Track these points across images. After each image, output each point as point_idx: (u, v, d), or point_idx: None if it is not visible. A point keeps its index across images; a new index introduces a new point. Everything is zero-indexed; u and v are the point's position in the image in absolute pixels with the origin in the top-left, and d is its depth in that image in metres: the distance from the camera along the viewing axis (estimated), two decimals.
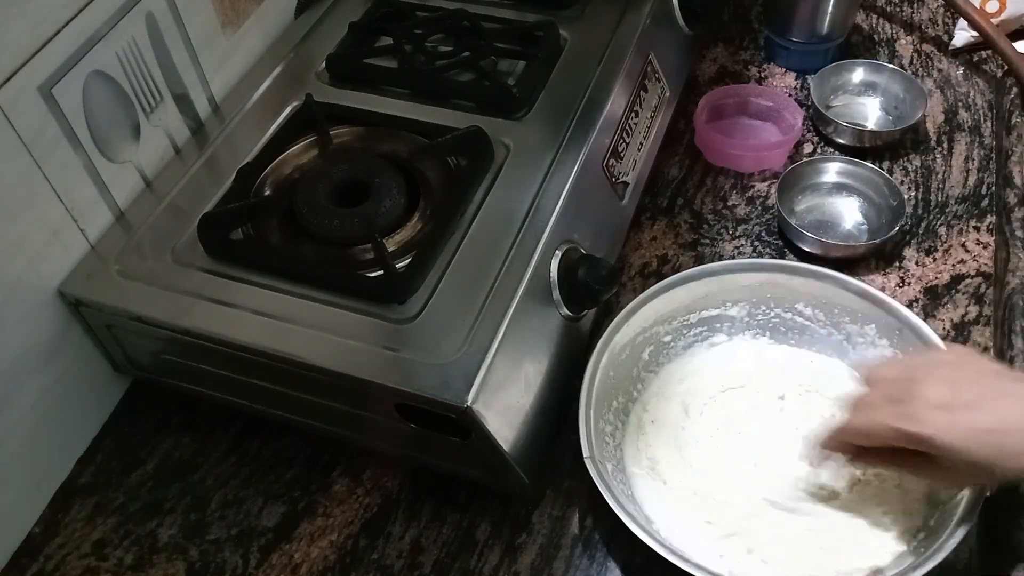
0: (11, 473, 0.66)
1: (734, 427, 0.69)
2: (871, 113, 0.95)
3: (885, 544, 0.61)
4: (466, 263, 0.65)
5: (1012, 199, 0.82)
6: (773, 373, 0.72)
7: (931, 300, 0.78)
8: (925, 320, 0.76)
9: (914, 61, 1.01)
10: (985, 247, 0.81)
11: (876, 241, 0.80)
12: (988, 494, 0.64)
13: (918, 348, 0.67)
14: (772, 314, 0.73)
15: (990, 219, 0.83)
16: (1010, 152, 0.86)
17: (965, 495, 0.59)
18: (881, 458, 0.58)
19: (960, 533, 0.56)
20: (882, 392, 0.57)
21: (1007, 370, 0.57)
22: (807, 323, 0.73)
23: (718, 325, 0.74)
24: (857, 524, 0.63)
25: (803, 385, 0.71)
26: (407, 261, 0.65)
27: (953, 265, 0.80)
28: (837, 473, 0.65)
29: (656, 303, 0.71)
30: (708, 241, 0.84)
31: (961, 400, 0.53)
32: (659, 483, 0.66)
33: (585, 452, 0.62)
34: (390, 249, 0.67)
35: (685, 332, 0.73)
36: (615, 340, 0.68)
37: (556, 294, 0.66)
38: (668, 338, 0.73)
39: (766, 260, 0.75)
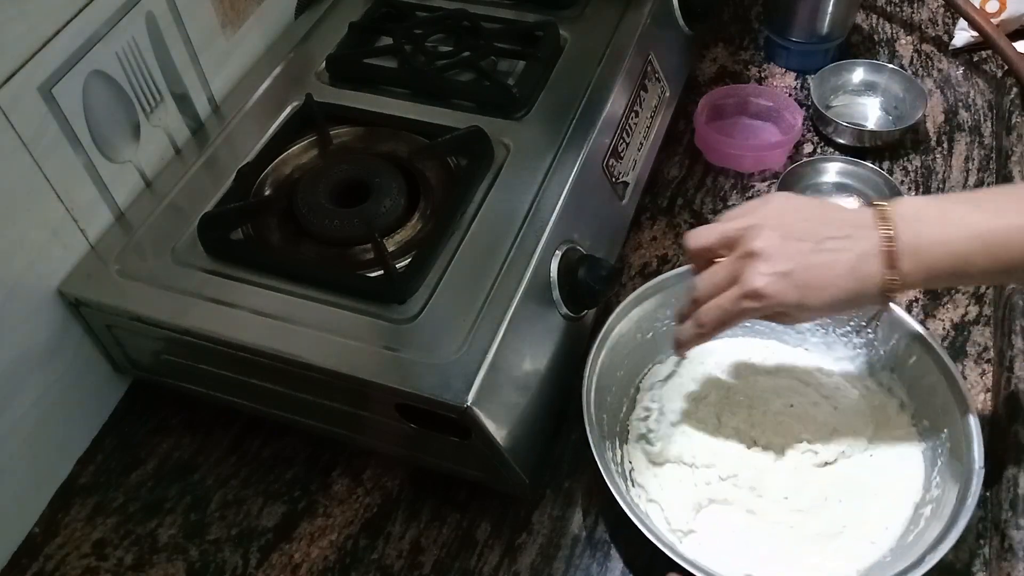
0: (11, 473, 0.66)
1: (732, 424, 0.69)
2: (871, 113, 0.95)
3: (886, 540, 0.62)
4: (466, 263, 0.65)
5: None
6: (766, 369, 0.72)
7: (931, 300, 0.78)
8: (925, 320, 0.76)
9: (914, 61, 1.01)
10: None
11: None
12: (987, 493, 0.64)
13: (902, 334, 0.68)
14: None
15: None
16: (1010, 152, 0.86)
17: (955, 494, 0.59)
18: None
19: (956, 532, 0.57)
20: (720, 272, 0.60)
21: (830, 212, 0.59)
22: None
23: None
24: (859, 519, 0.63)
25: (797, 379, 0.71)
26: (407, 261, 0.65)
27: None
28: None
29: (650, 302, 0.71)
30: None
31: (789, 265, 0.56)
32: (659, 478, 0.66)
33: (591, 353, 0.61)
34: (390, 249, 0.67)
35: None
36: (613, 334, 0.68)
37: (556, 294, 0.66)
38: (659, 338, 0.73)
39: None
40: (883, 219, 0.56)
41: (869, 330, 0.70)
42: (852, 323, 0.71)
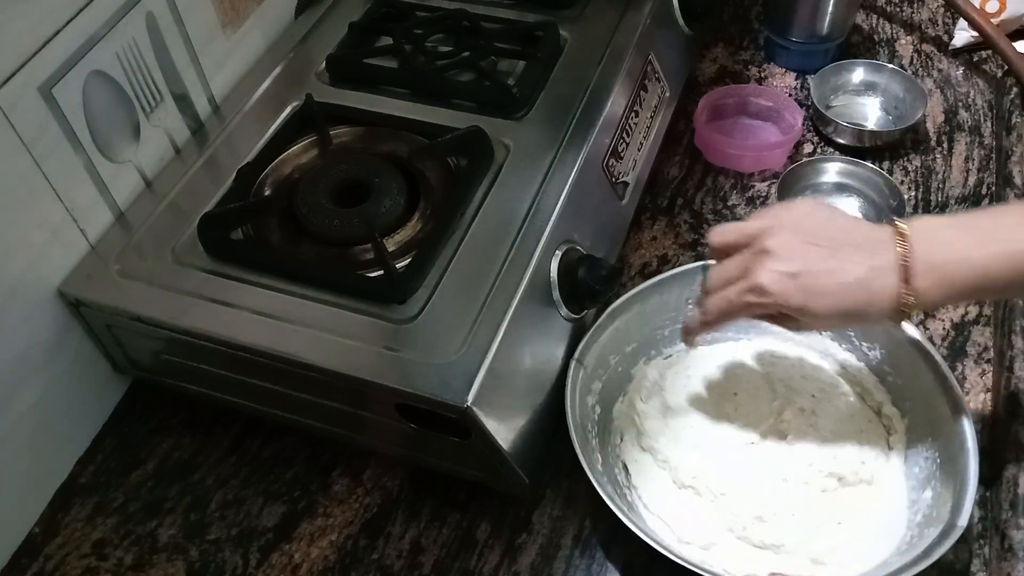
0: (11, 473, 0.66)
1: (726, 424, 0.69)
2: (871, 113, 0.95)
3: (885, 545, 0.62)
4: (466, 263, 0.65)
5: (1012, 199, 0.82)
6: (762, 368, 0.72)
7: None
8: (925, 320, 0.76)
9: (914, 61, 1.01)
10: None
11: None
12: (987, 493, 0.64)
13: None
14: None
15: None
16: (1010, 152, 0.86)
17: (952, 496, 0.59)
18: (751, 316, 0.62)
19: (954, 534, 0.56)
20: (732, 265, 0.61)
21: (850, 222, 0.60)
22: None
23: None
24: (856, 520, 0.63)
25: (791, 379, 0.71)
26: (407, 261, 0.65)
27: None
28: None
29: (647, 300, 0.71)
30: None
31: (800, 266, 0.57)
32: (654, 480, 0.66)
33: (576, 355, 0.64)
34: (390, 249, 0.67)
35: (671, 330, 0.73)
36: (606, 331, 0.68)
37: (556, 294, 0.66)
38: (655, 334, 0.73)
39: None
40: (900, 236, 0.56)
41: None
42: None
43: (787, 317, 0.59)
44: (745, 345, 0.74)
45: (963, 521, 0.57)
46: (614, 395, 0.70)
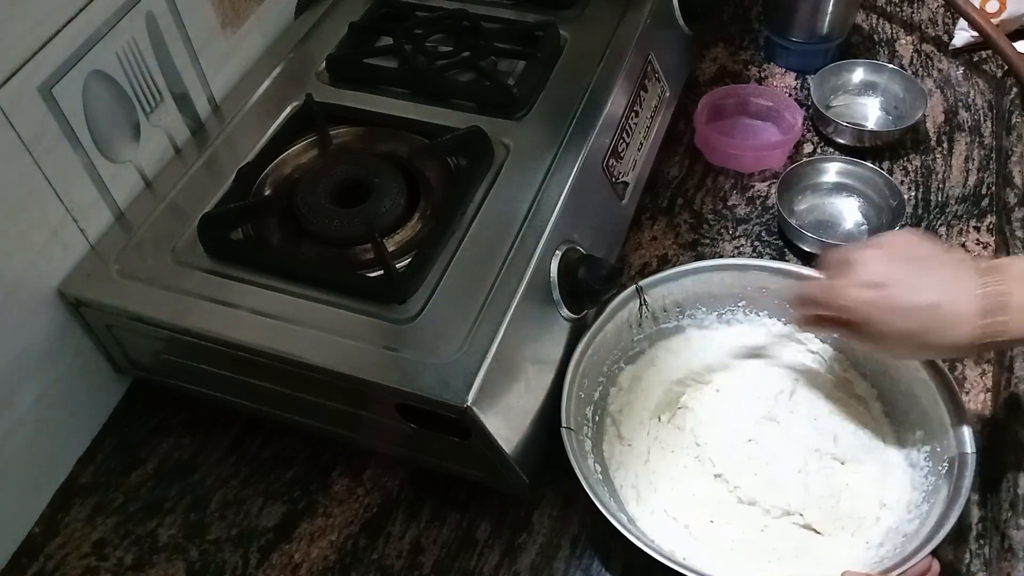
0: (11, 473, 0.66)
1: (719, 426, 0.69)
2: (871, 113, 0.95)
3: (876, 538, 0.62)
4: (466, 263, 0.65)
5: (1012, 199, 0.82)
6: (754, 371, 0.72)
7: None
8: None
9: (914, 61, 1.01)
10: (985, 247, 0.81)
11: None
12: (987, 493, 0.64)
13: None
14: (748, 313, 0.74)
15: (990, 219, 0.84)
16: (1010, 152, 0.86)
17: (948, 491, 0.59)
18: (832, 327, 0.64)
19: (944, 530, 0.56)
20: (828, 274, 0.63)
21: (941, 254, 0.59)
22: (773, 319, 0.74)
23: (703, 321, 0.74)
24: (849, 524, 0.63)
25: (784, 382, 0.71)
26: (407, 261, 0.65)
27: None
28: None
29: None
30: (708, 241, 0.84)
31: (883, 279, 0.58)
32: (643, 483, 0.66)
33: (563, 422, 0.62)
34: (390, 249, 0.67)
35: (664, 330, 0.73)
36: (600, 334, 0.68)
37: (556, 294, 0.66)
38: (613, 367, 0.72)
39: (750, 260, 0.75)
40: (991, 269, 0.55)
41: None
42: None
43: (858, 332, 0.59)
44: (704, 334, 0.74)
45: (971, 448, 0.59)
46: (604, 452, 0.68)
